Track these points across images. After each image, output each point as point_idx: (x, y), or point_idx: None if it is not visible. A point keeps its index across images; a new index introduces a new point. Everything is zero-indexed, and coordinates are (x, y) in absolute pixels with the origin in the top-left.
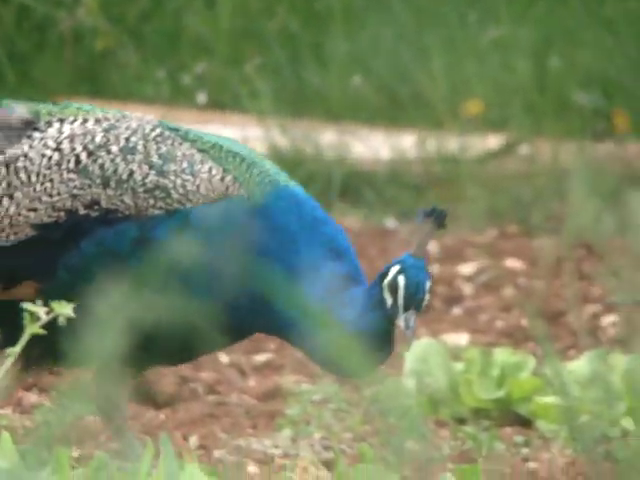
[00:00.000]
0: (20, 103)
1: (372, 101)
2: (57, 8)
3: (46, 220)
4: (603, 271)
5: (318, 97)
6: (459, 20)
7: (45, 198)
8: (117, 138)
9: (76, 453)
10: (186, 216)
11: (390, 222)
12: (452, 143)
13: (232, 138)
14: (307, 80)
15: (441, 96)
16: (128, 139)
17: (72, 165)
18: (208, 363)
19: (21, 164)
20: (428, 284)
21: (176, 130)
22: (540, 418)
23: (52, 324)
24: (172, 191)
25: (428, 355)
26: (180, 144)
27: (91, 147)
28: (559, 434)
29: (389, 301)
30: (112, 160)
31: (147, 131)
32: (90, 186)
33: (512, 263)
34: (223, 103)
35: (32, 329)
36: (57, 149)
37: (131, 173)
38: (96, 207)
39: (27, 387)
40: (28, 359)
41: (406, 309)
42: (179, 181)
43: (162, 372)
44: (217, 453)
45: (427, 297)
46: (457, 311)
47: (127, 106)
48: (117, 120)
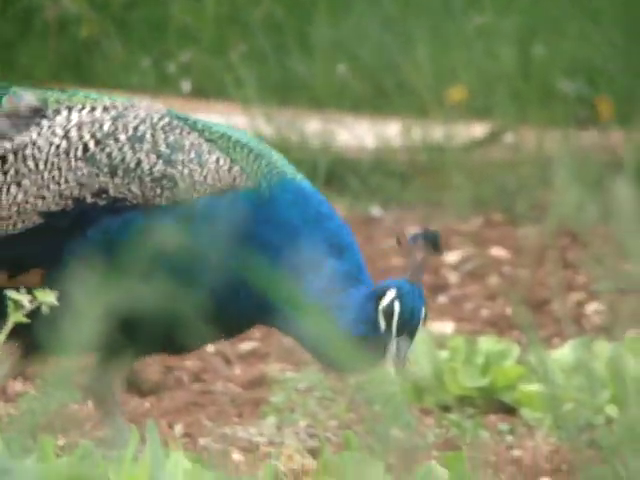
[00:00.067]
0: (28, 90)
1: (357, 89)
2: None
3: (54, 208)
4: (587, 259)
5: (303, 85)
6: (444, 8)
7: (53, 186)
8: (125, 127)
9: (61, 441)
10: (192, 206)
11: (375, 210)
12: (437, 131)
13: (241, 128)
14: (292, 68)
15: (426, 84)
16: (136, 128)
17: (80, 153)
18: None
19: (29, 152)
20: (423, 311)
21: (184, 119)
22: (524, 406)
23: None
24: (179, 181)
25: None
26: (188, 133)
27: (99, 135)
28: (543, 422)
29: (383, 325)
30: (120, 149)
31: (155, 120)
32: (98, 175)
33: (497, 251)
34: (208, 91)
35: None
36: (65, 137)
37: (139, 162)
38: (104, 196)
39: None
40: (26, 348)
41: (399, 334)
42: (186, 171)
43: (147, 360)
44: (202, 441)
45: (421, 325)
46: (442, 299)
47: (112, 95)
48: (125, 108)
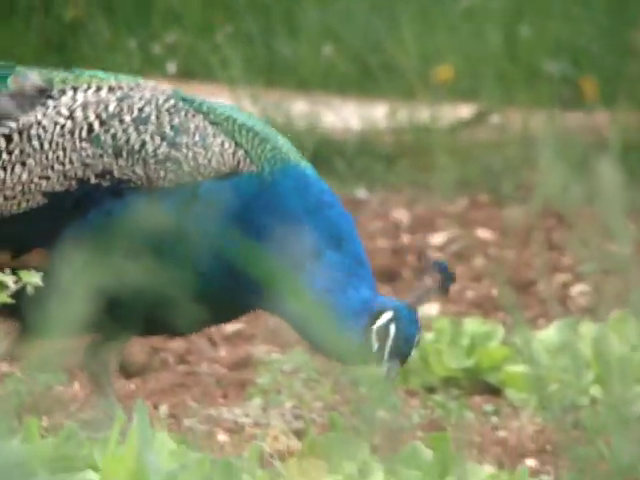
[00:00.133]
0: (33, 70)
1: (343, 71)
2: None
3: (58, 188)
4: (573, 240)
5: (289, 67)
6: None
7: (57, 166)
8: (130, 108)
9: (46, 422)
10: (195, 189)
11: (361, 192)
12: (423, 113)
13: (248, 111)
14: (278, 50)
15: (412, 65)
16: (141, 109)
17: (85, 134)
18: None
19: (34, 131)
20: (417, 338)
21: (190, 101)
22: (509, 387)
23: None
24: (183, 163)
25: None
26: (193, 116)
27: (104, 116)
28: (528, 403)
29: (375, 345)
30: (124, 130)
31: (160, 102)
32: (102, 155)
33: (482, 233)
34: (194, 72)
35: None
36: (70, 117)
37: (143, 144)
38: (108, 177)
39: None
40: (24, 329)
41: (390, 358)
42: (190, 154)
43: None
44: (187, 422)
45: (414, 352)
46: (427, 281)
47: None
48: (131, 89)
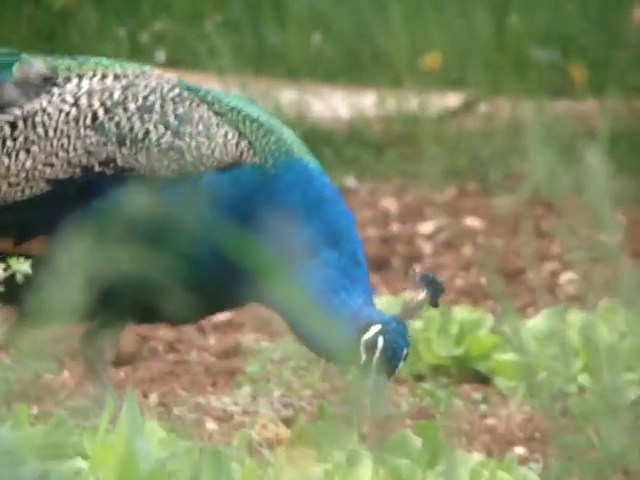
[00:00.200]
0: (38, 57)
1: (332, 59)
2: None
3: (61, 176)
4: (561, 229)
5: (278, 55)
6: None
7: (61, 153)
8: (135, 96)
9: (35, 410)
10: (197, 179)
11: (350, 181)
12: (412, 102)
13: (254, 102)
14: (267, 38)
15: (401, 54)
16: (146, 98)
17: (89, 121)
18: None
19: (39, 118)
20: (405, 352)
21: (196, 90)
22: (498, 375)
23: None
24: (186, 153)
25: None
26: (198, 105)
27: (109, 104)
28: (517, 391)
29: (363, 357)
30: (129, 118)
31: (165, 91)
32: (106, 143)
33: (471, 221)
34: (182, 61)
35: None
36: (75, 104)
37: (147, 132)
38: (111, 165)
39: None
40: (22, 316)
41: (378, 371)
42: (194, 143)
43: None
44: (177, 410)
45: (401, 365)
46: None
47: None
48: (136, 77)
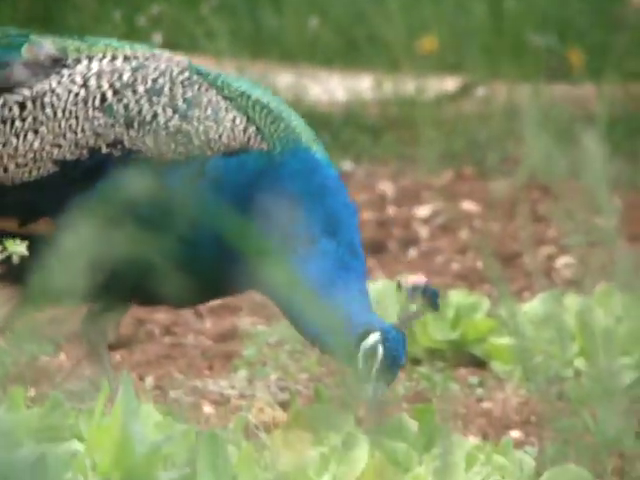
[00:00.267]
0: (47, 38)
1: (329, 43)
2: None
3: (69, 157)
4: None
5: (274, 39)
6: None
7: (69, 135)
8: (144, 78)
9: (32, 393)
10: (204, 163)
11: (347, 165)
12: (409, 85)
13: (265, 87)
14: (264, 21)
15: (397, 37)
16: (155, 80)
17: (98, 103)
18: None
19: (48, 99)
20: (404, 360)
21: (205, 74)
22: (494, 359)
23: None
24: (194, 137)
25: (384, 296)
26: (207, 90)
27: (117, 85)
28: (513, 374)
29: (362, 364)
30: (137, 101)
31: (175, 74)
32: (114, 125)
33: (468, 205)
34: (179, 44)
35: None
36: (84, 85)
37: (155, 115)
38: (119, 147)
39: None
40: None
41: (377, 379)
42: (202, 128)
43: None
44: (173, 394)
45: (399, 374)
46: (413, 253)
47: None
48: (146, 59)
